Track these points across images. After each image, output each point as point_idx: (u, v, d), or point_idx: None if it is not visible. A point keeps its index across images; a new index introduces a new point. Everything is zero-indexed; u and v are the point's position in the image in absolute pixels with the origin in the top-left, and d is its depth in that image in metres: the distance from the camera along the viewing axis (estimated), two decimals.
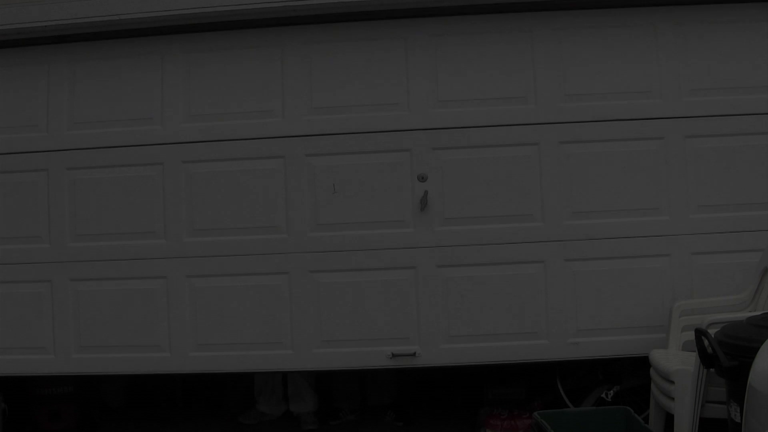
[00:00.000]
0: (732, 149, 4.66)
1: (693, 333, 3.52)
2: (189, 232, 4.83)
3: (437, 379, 6.19)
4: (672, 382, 3.96)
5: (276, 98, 4.81)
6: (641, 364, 4.51)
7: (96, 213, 4.88)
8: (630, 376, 4.88)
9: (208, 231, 4.82)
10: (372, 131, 4.74)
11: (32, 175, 4.92)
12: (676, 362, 4.07)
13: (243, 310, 4.79)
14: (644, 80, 4.71)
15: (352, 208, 4.76)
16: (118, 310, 4.85)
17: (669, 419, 4.11)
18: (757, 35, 4.65)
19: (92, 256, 4.87)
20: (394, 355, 4.69)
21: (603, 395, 4.77)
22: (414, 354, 4.69)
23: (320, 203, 4.77)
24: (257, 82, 4.82)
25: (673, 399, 3.95)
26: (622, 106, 4.69)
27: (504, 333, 4.69)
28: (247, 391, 5.61)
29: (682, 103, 4.69)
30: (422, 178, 4.70)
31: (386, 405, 5.46)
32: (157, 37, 4.80)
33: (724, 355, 3.18)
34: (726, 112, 4.66)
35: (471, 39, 4.76)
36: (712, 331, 3.39)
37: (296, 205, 4.77)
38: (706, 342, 3.31)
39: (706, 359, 3.35)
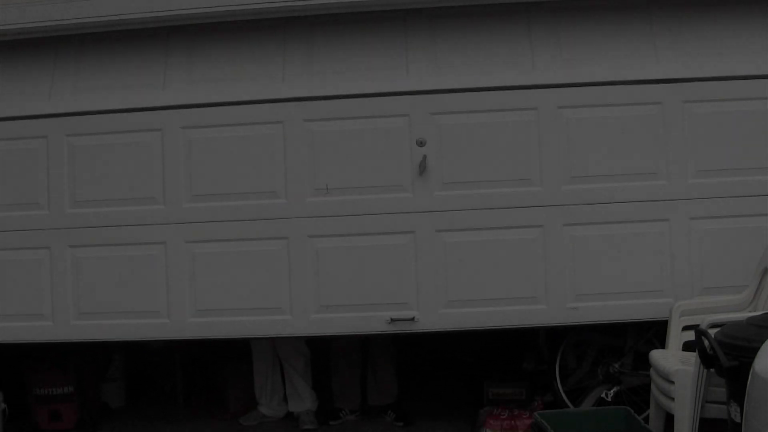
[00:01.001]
0: (731, 114, 4.66)
1: (693, 333, 3.52)
2: (188, 197, 4.82)
3: (441, 377, 6.21)
4: (672, 382, 3.96)
5: (277, 66, 4.79)
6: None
7: (95, 179, 4.88)
8: (630, 375, 4.89)
9: (208, 197, 4.81)
10: (371, 94, 4.73)
11: (31, 141, 4.91)
12: (676, 362, 4.07)
13: (242, 275, 4.78)
14: (641, 46, 4.71)
15: (351, 173, 4.75)
16: (116, 277, 4.85)
17: (669, 419, 4.11)
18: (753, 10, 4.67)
19: (91, 222, 4.86)
20: (392, 320, 4.68)
21: (603, 395, 4.78)
22: (413, 319, 4.68)
23: (319, 169, 4.76)
24: (258, 50, 4.82)
25: (673, 399, 3.96)
26: (621, 71, 4.68)
27: (503, 298, 4.69)
28: (247, 391, 5.61)
29: (679, 66, 4.69)
30: (421, 143, 4.69)
31: (386, 405, 5.45)
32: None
33: (724, 355, 3.18)
34: (725, 75, 4.67)
35: (469, 20, 4.76)
36: (712, 331, 3.39)
37: (295, 170, 4.76)
38: (706, 342, 3.31)
39: (706, 359, 3.35)
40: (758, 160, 4.62)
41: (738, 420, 3.09)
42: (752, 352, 3.01)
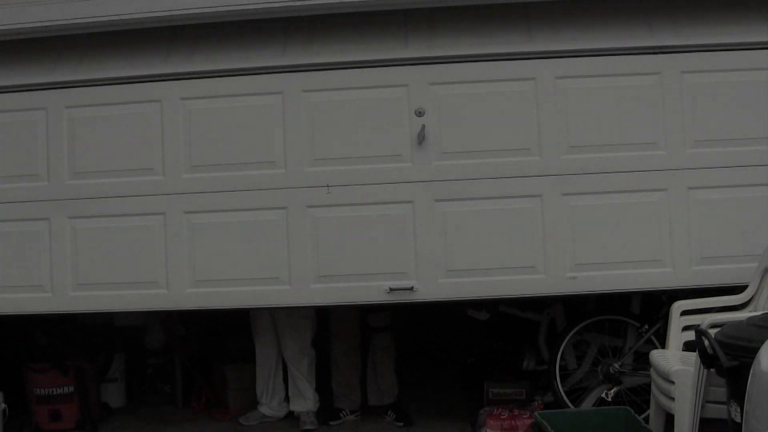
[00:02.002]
0: (729, 84, 4.66)
1: (693, 333, 3.52)
2: (187, 168, 4.82)
3: (441, 378, 6.21)
4: (672, 382, 3.96)
5: (277, 42, 4.80)
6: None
7: (94, 150, 4.87)
8: (630, 375, 4.89)
9: (207, 167, 4.81)
10: (369, 63, 4.73)
11: (31, 113, 4.91)
12: (676, 362, 4.07)
13: (240, 246, 4.78)
14: (638, 17, 4.71)
15: (350, 143, 4.75)
16: (115, 248, 4.84)
17: (669, 419, 4.11)
18: None
19: (90, 193, 4.85)
20: (391, 290, 4.67)
21: (603, 395, 4.78)
22: (412, 288, 4.68)
23: (317, 137, 4.77)
24: (259, 42, 4.83)
25: (673, 399, 3.96)
26: (618, 41, 4.69)
27: (502, 267, 4.68)
28: (247, 391, 5.61)
29: (676, 36, 4.69)
30: (419, 113, 4.70)
31: (386, 405, 5.45)
32: None
33: (724, 355, 3.18)
34: (723, 45, 4.67)
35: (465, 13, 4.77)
36: (712, 331, 3.39)
37: (294, 140, 4.76)
38: (706, 342, 3.32)
39: (706, 359, 3.35)
40: (757, 131, 4.62)
41: (738, 420, 3.09)
42: (752, 352, 3.01)
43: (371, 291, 4.70)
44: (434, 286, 4.70)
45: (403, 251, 4.71)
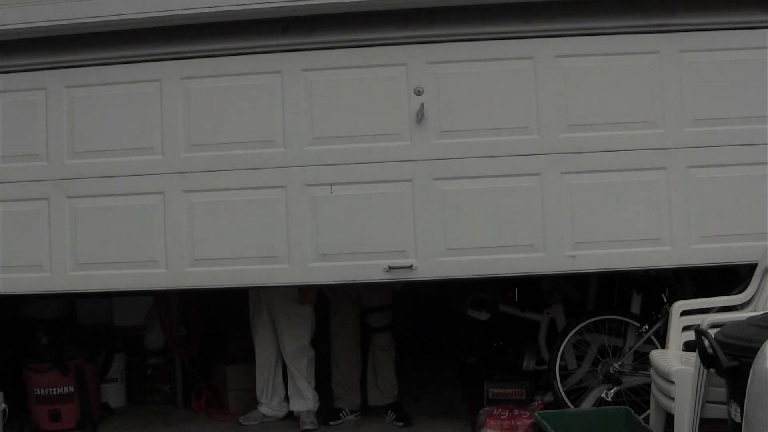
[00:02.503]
0: (728, 63, 4.65)
1: (693, 333, 3.52)
2: (186, 147, 4.81)
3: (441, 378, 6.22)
4: (672, 382, 3.96)
5: (277, 22, 4.79)
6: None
7: (94, 130, 4.86)
8: (630, 375, 4.89)
9: (206, 146, 4.80)
10: (368, 42, 4.73)
11: (31, 93, 4.90)
12: (676, 362, 4.07)
13: (239, 224, 4.77)
14: None
15: (348, 121, 4.74)
16: (114, 227, 4.84)
17: (669, 419, 4.11)
18: None
19: (89, 173, 4.85)
20: (390, 268, 4.66)
21: (603, 395, 4.78)
22: (411, 267, 4.66)
23: (316, 116, 4.76)
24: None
25: (673, 399, 3.96)
26: (618, 20, 4.68)
27: (501, 246, 4.66)
28: (247, 391, 5.62)
29: (675, 16, 4.68)
30: (418, 92, 4.69)
31: (386, 405, 5.45)
32: None
33: (724, 355, 3.18)
34: (722, 24, 4.66)
35: None
36: (712, 331, 3.39)
37: (293, 119, 4.76)
38: (706, 342, 3.32)
39: (706, 359, 3.35)
40: (756, 109, 4.61)
41: (738, 420, 3.09)
42: (752, 352, 3.01)
43: (370, 269, 4.69)
44: (433, 265, 4.69)
45: (402, 230, 4.70)
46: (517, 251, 4.66)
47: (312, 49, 4.76)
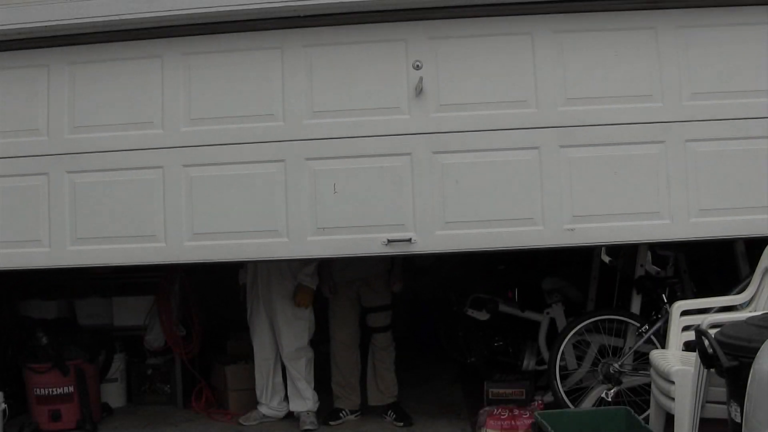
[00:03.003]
0: (727, 38, 4.64)
1: (693, 333, 3.52)
2: (186, 121, 4.80)
3: (441, 378, 6.21)
4: (672, 382, 3.96)
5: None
6: None
7: (94, 105, 4.85)
8: (630, 375, 4.89)
9: (205, 120, 4.79)
10: (369, 19, 4.71)
11: (32, 70, 4.89)
12: (676, 362, 4.07)
13: (238, 198, 4.76)
14: None
15: (347, 95, 4.73)
16: (114, 202, 4.83)
17: (669, 419, 4.11)
18: None
19: (89, 147, 4.84)
20: (389, 242, 4.65)
21: (603, 395, 4.78)
22: (409, 240, 4.66)
23: (316, 91, 4.75)
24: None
25: (673, 399, 3.96)
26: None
27: (500, 219, 4.66)
28: (247, 391, 5.62)
29: None
30: (417, 66, 4.68)
31: (386, 405, 5.45)
32: None
33: (724, 355, 3.19)
34: (720, 0, 4.66)
35: None
36: (712, 332, 3.40)
37: (293, 93, 4.75)
38: (706, 342, 3.32)
39: (706, 359, 3.35)
40: (754, 83, 4.61)
41: (738, 420, 3.09)
42: (752, 352, 3.01)
43: (369, 243, 4.68)
44: (432, 238, 4.69)
45: (401, 203, 4.70)
46: (516, 224, 4.66)
47: (311, 26, 4.75)
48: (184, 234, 4.78)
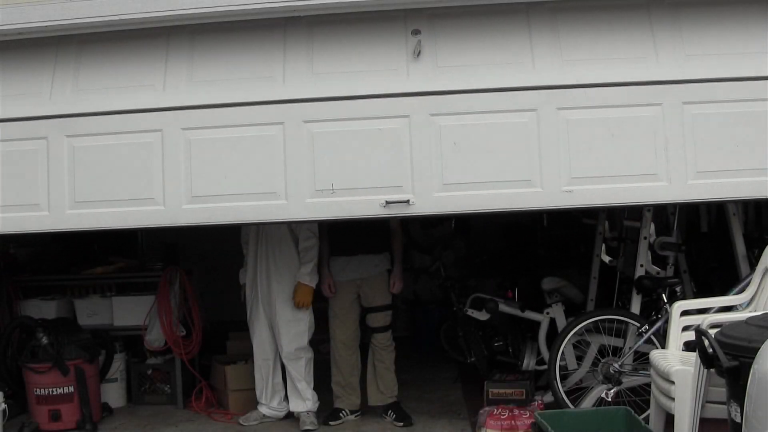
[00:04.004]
0: (724, 3, 4.63)
1: (693, 333, 3.53)
2: (186, 83, 4.81)
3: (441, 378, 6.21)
4: (672, 382, 3.96)
5: None
6: None
7: (96, 69, 4.85)
8: (630, 375, 4.89)
9: (205, 82, 4.80)
10: None
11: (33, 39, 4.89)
12: (676, 362, 4.07)
13: (237, 161, 4.75)
14: None
15: (346, 57, 4.73)
16: (112, 165, 4.82)
17: (669, 419, 4.12)
18: None
19: (88, 110, 4.83)
20: (387, 203, 4.64)
21: (603, 395, 4.78)
22: (408, 202, 4.65)
23: (315, 56, 4.76)
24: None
25: (673, 399, 3.96)
26: None
27: (497, 181, 4.65)
28: (247, 391, 5.62)
29: None
30: (416, 32, 4.69)
31: (386, 405, 5.45)
32: None
33: (724, 355, 3.19)
34: None
35: None
36: (712, 332, 3.40)
37: (293, 57, 4.74)
38: (706, 342, 3.32)
39: (707, 359, 3.35)
40: (752, 45, 4.59)
41: (738, 420, 3.09)
42: (752, 352, 3.02)
43: (367, 205, 4.67)
44: (430, 200, 4.68)
45: (400, 165, 4.68)
46: (514, 186, 4.64)
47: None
48: (183, 197, 4.76)
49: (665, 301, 5.01)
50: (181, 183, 4.75)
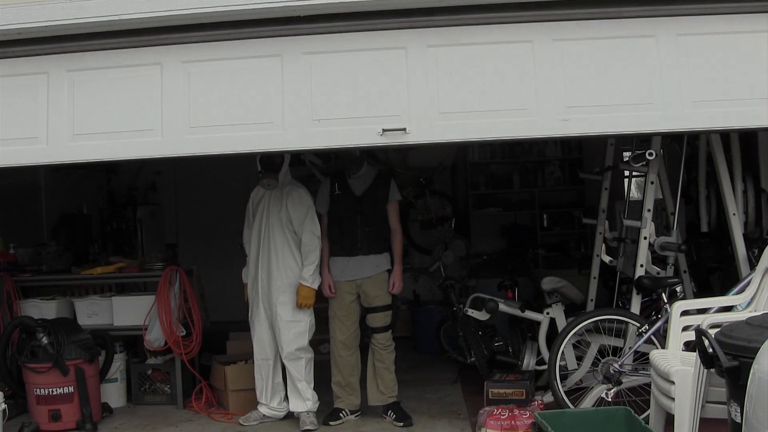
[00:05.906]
0: None
1: (693, 333, 3.53)
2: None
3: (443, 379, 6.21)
4: (672, 382, 3.97)
5: None
6: None
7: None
8: (630, 375, 4.90)
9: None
10: None
11: None
12: (676, 362, 4.07)
13: (236, 92, 4.77)
14: None
15: None
16: (112, 99, 4.83)
17: (669, 419, 4.12)
18: None
19: (89, 46, 4.84)
20: (384, 131, 4.65)
21: (603, 395, 4.78)
22: (404, 130, 4.66)
23: None
24: None
25: (673, 399, 3.96)
26: None
27: (494, 110, 4.66)
28: (247, 391, 5.62)
29: None
30: None
31: (386, 405, 5.45)
32: None
33: (724, 355, 3.19)
34: None
35: None
36: (712, 332, 3.40)
37: None
38: (706, 342, 3.32)
39: (707, 359, 3.35)
40: None
41: (738, 420, 3.10)
42: (752, 352, 3.02)
43: (364, 133, 4.68)
44: (427, 128, 4.69)
45: (397, 95, 4.70)
46: (511, 115, 4.65)
47: None
48: (182, 128, 4.78)
49: (665, 301, 5.02)
50: (180, 114, 4.78)
